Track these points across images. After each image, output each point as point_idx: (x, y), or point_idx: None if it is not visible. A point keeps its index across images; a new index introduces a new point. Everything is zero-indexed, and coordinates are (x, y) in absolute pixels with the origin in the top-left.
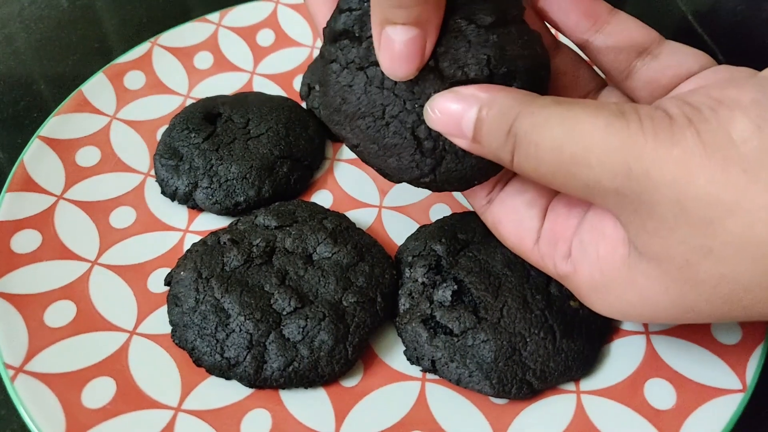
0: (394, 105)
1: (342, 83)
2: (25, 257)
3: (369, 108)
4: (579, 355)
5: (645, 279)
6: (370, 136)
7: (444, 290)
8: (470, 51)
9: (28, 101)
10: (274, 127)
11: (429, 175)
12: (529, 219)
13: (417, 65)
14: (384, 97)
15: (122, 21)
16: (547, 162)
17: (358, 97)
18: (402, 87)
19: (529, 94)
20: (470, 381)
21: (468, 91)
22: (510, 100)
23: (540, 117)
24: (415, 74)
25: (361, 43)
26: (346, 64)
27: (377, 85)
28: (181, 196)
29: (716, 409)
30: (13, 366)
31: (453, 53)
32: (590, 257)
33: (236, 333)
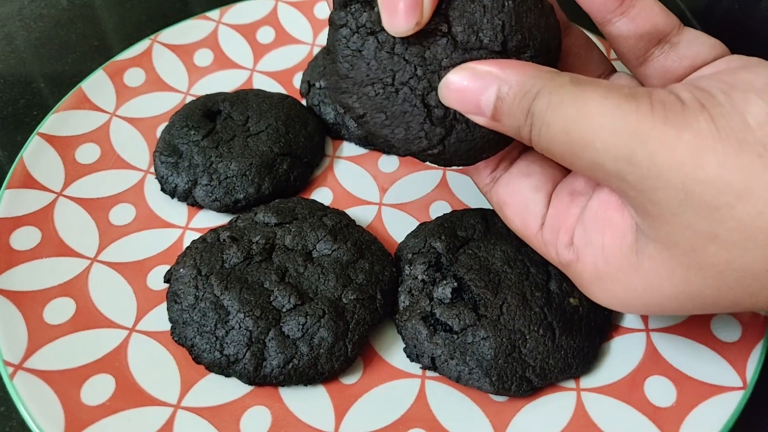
0: (405, 71)
1: (351, 48)
2: (24, 254)
3: (378, 74)
4: (578, 352)
5: (651, 263)
6: (377, 104)
7: (444, 287)
8: (485, 17)
9: (27, 99)
10: (273, 124)
11: (437, 146)
12: (534, 204)
13: (416, 18)
14: (394, 63)
15: (122, 19)
16: (557, 142)
17: (368, 62)
18: (413, 52)
19: (547, 72)
20: (470, 378)
21: (484, 68)
22: (530, 78)
23: (556, 96)
24: (415, 29)
25: (372, 7)
26: (357, 29)
27: (388, 50)
28: (181, 193)
29: (716, 406)
30: (12, 363)
31: (468, 17)
32: (594, 246)
33: (236, 330)
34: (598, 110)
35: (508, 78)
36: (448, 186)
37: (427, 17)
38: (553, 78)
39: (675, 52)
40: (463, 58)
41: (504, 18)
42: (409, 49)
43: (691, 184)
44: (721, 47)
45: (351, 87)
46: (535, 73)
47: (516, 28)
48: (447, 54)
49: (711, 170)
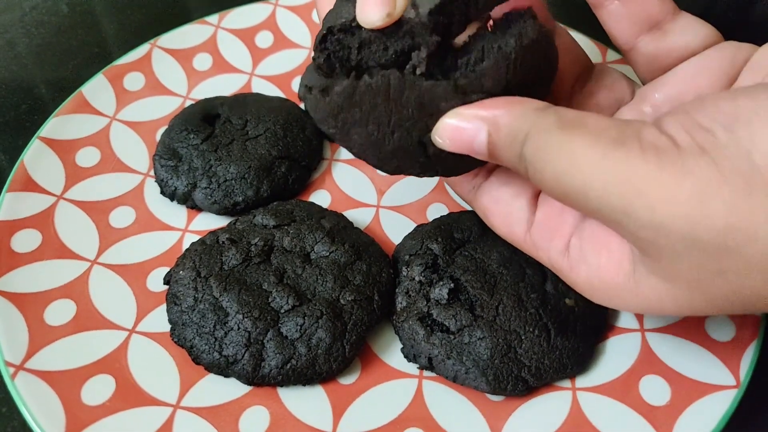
0: (401, 116)
1: (345, 93)
2: (25, 256)
3: (373, 117)
4: (574, 352)
5: (650, 291)
6: (372, 143)
7: (440, 288)
8: (492, 65)
9: (29, 105)
10: (272, 127)
11: (428, 172)
12: (517, 210)
13: (388, 8)
14: (390, 108)
15: (122, 26)
16: (551, 188)
17: (361, 107)
18: (411, 98)
19: (534, 110)
20: (467, 378)
21: (471, 112)
22: (517, 119)
23: (542, 143)
24: (386, 20)
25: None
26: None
27: (383, 96)
28: (180, 196)
29: (710, 404)
30: (13, 364)
31: (465, 60)
32: (590, 264)
33: (234, 331)
34: (587, 161)
35: (496, 121)
36: (444, 188)
37: (400, 10)
38: (539, 119)
39: (665, 41)
40: (462, 101)
41: (509, 64)
42: (405, 94)
43: (697, 232)
44: (713, 35)
45: (343, 127)
46: (522, 113)
47: (520, 71)
48: (446, 99)
49: (718, 217)
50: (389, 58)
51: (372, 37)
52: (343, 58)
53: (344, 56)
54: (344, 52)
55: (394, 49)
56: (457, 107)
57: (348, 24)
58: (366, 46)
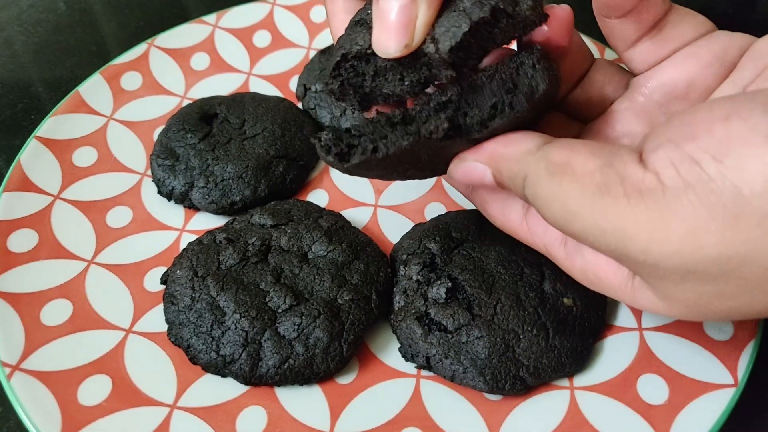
0: (413, 162)
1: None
2: (21, 256)
3: (388, 166)
4: (572, 351)
5: (648, 302)
6: (382, 176)
7: (438, 288)
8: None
9: (26, 104)
10: (269, 127)
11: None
12: (513, 200)
13: (406, 39)
14: (404, 161)
15: (119, 24)
16: (556, 227)
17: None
18: (425, 152)
19: (527, 152)
20: (464, 377)
21: (471, 159)
22: (513, 166)
23: (538, 189)
24: (403, 51)
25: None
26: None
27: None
28: (178, 195)
29: (708, 403)
30: (9, 364)
31: (475, 105)
32: (586, 258)
33: (232, 331)
34: (579, 210)
35: (496, 166)
36: (443, 188)
37: (418, 42)
38: (532, 163)
39: (660, 35)
40: (471, 143)
41: (520, 117)
42: (420, 151)
43: (691, 265)
44: (706, 25)
45: (356, 173)
46: (517, 158)
47: (528, 116)
48: (459, 149)
49: (709, 248)
50: (405, 88)
51: (388, 66)
52: (357, 85)
53: (358, 83)
54: (358, 80)
55: (410, 80)
56: (462, 153)
57: (363, 51)
58: (381, 74)
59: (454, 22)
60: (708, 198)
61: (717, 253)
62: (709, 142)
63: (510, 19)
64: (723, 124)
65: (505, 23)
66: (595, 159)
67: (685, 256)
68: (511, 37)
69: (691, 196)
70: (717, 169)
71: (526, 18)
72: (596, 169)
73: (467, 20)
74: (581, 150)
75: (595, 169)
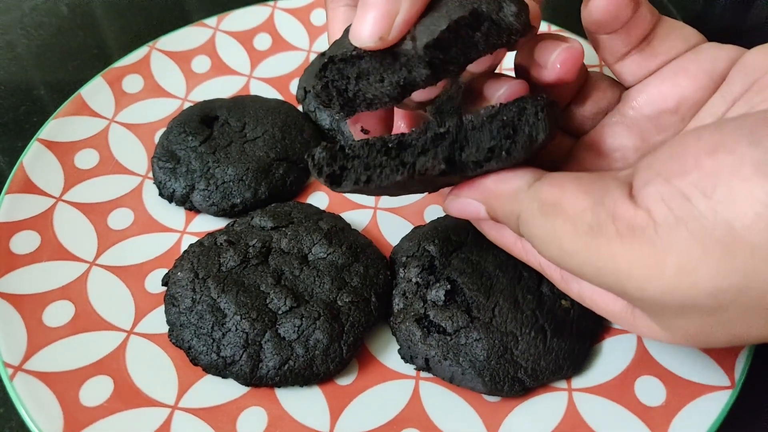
0: (406, 188)
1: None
2: (24, 258)
3: (381, 191)
4: (570, 354)
5: (649, 330)
6: (385, 195)
7: (437, 290)
8: (493, 160)
9: (28, 106)
10: (270, 130)
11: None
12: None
13: (381, 32)
14: (396, 188)
15: (121, 28)
16: (555, 264)
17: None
18: (418, 183)
19: (519, 190)
20: (463, 379)
21: (466, 196)
22: (506, 206)
23: (533, 229)
24: (377, 44)
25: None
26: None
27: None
28: (179, 198)
29: (705, 405)
30: (12, 365)
31: (472, 143)
32: (583, 286)
33: (232, 332)
34: (574, 250)
35: (489, 204)
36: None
37: (394, 36)
38: (524, 202)
39: (648, 49)
40: (464, 177)
41: (516, 163)
42: (412, 182)
43: (688, 299)
44: (696, 37)
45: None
46: (509, 197)
47: (526, 158)
48: (451, 183)
49: (705, 282)
50: (385, 91)
51: (370, 69)
52: (340, 88)
53: (342, 87)
54: (342, 82)
55: (389, 81)
56: (457, 189)
57: (349, 54)
58: (364, 77)
59: (434, 21)
60: (700, 234)
61: (713, 286)
62: (698, 176)
63: (493, 25)
64: (710, 158)
65: (487, 28)
66: (585, 197)
67: (682, 292)
68: (495, 44)
69: (683, 232)
70: (707, 204)
71: (510, 25)
72: (587, 208)
73: (447, 19)
74: (571, 188)
75: (587, 209)
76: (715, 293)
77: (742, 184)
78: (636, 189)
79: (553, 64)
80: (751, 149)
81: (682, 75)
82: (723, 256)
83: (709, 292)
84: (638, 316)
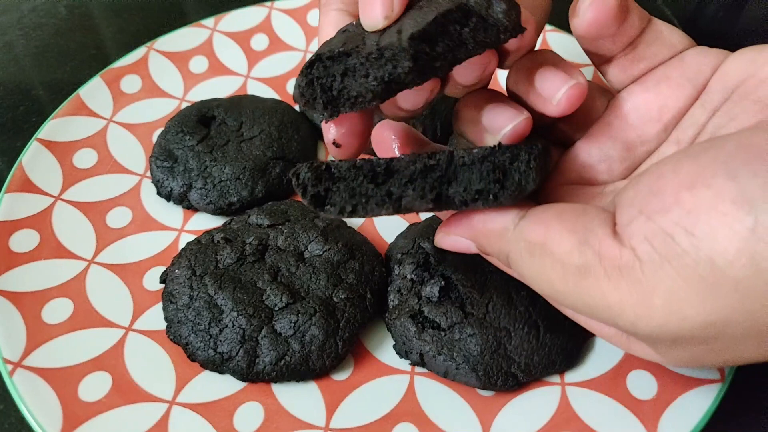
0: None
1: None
2: (23, 256)
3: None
4: (563, 349)
5: (643, 353)
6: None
7: (432, 286)
8: (479, 201)
9: (26, 106)
10: (266, 129)
11: None
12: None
13: (386, 12)
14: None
15: (119, 28)
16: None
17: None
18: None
19: (506, 230)
20: (457, 373)
21: (454, 233)
22: (495, 244)
23: (522, 269)
24: (384, 22)
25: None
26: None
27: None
28: (176, 196)
29: (695, 398)
30: (11, 361)
31: (460, 182)
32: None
33: (229, 328)
34: (564, 290)
35: (478, 242)
36: None
37: (397, 12)
38: (512, 242)
39: (634, 53)
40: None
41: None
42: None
43: (678, 333)
44: (683, 41)
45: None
46: (497, 237)
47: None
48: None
49: (694, 318)
50: (370, 87)
51: (357, 65)
52: (326, 86)
53: (327, 84)
54: (327, 80)
55: (374, 76)
56: (445, 227)
57: (335, 52)
58: (350, 74)
59: (422, 15)
60: (684, 271)
61: (701, 320)
62: (678, 213)
63: (481, 21)
64: (689, 193)
65: (475, 24)
66: (570, 236)
67: (672, 327)
68: (484, 42)
69: (668, 270)
70: (689, 241)
71: (498, 21)
72: (573, 249)
73: (434, 12)
74: (556, 226)
75: (573, 249)
76: (704, 326)
77: (722, 219)
78: (620, 226)
79: (559, 101)
80: (728, 183)
81: (664, 83)
82: (708, 292)
83: (697, 326)
84: (633, 341)
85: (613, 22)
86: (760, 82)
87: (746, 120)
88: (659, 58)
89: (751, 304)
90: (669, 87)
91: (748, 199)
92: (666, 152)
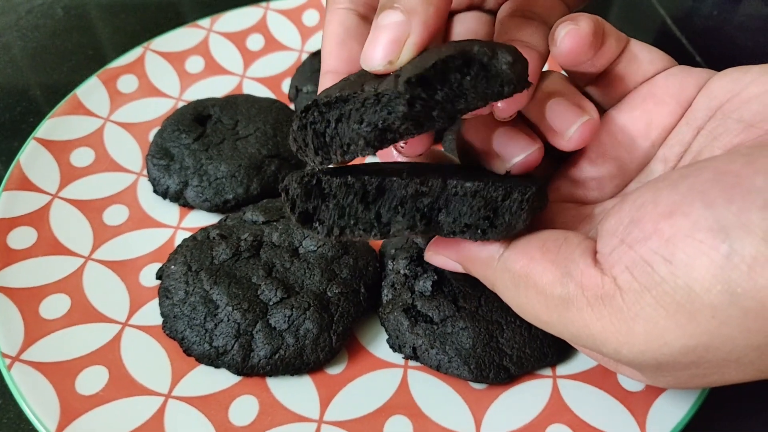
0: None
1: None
2: (21, 253)
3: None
4: (554, 342)
5: (632, 375)
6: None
7: (425, 281)
8: (466, 233)
9: (24, 107)
10: (262, 127)
11: None
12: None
13: (391, 55)
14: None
15: (116, 29)
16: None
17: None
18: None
19: (492, 260)
20: (450, 366)
21: (443, 254)
22: (481, 271)
23: (508, 298)
24: (386, 67)
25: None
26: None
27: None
28: (173, 194)
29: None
30: (9, 355)
31: (450, 212)
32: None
33: (224, 323)
34: (549, 320)
35: (466, 266)
36: None
37: (404, 60)
38: (497, 271)
39: (614, 73)
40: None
41: (486, 221)
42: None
43: (660, 358)
44: (664, 60)
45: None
46: (483, 265)
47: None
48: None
49: (674, 344)
50: (362, 133)
51: (352, 111)
52: (319, 132)
53: (321, 130)
54: (321, 125)
55: (368, 122)
56: (434, 247)
57: (332, 97)
58: (345, 119)
59: (423, 60)
60: (663, 299)
61: (681, 345)
62: (657, 242)
63: (483, 70)
64: (667, 222)
65: (476, 73)
66: (552, 268)
67: (654, 353)
68: (486, 94)
69: (648, 298)
70: (668, 269)
71: (503, 74)
72: (556, 281)
73: (435, 57)
74: (538, 257)
75: (555, 281)
76: (685, 352)
77: (699, 247)
78: (601, 255)
79: (571, 137)
80: (705, 211)
81: (650, 100)
82: (687, 319)
83: (677, 351)
84: (621, 365)
85: (590, 49)
86: (744, 102)
87: (729, 140)
88: (640, 77)
89: (728, 330)
90: (654, 104)
91: (723, 227)
92: (655, 169)
